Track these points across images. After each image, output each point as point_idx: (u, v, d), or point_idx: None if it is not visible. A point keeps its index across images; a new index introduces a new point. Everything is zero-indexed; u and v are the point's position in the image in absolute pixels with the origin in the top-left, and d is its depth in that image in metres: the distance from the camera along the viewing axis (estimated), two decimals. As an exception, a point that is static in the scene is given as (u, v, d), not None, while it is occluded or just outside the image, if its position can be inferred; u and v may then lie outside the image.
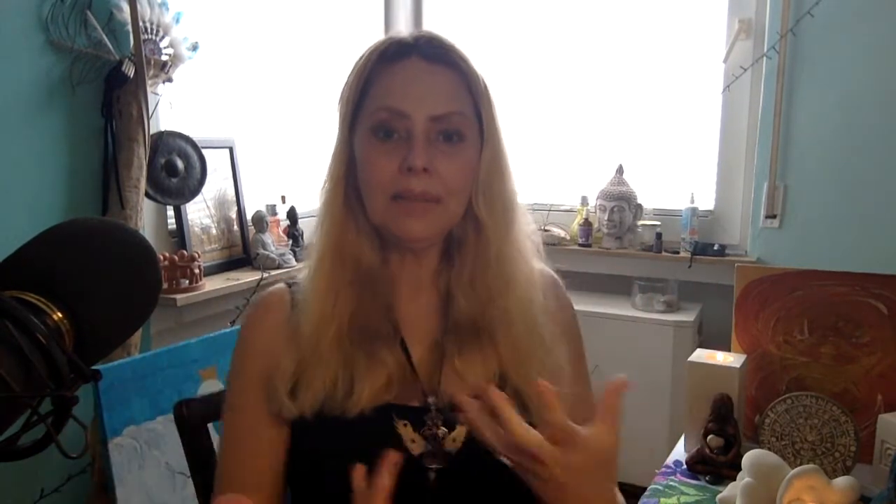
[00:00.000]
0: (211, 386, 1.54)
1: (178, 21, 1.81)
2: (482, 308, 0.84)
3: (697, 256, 2.32)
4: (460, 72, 0.83)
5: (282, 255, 2.15)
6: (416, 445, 0.81)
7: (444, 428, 0.82)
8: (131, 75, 1.67)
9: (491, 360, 0.84)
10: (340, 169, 0.85)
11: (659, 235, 2.38)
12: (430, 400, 0.83)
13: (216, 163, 2.08)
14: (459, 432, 0.82)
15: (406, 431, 0.81)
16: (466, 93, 0.83)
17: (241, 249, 2.17)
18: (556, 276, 0.96)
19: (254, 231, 2.15)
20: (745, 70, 2.24)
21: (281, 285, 0.91)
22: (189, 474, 1.01)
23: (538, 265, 0.91)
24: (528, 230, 0.90)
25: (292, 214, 2.27)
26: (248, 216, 2.18)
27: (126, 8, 1.67)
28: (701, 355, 1.32)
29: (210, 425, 1.02)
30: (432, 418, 0.82)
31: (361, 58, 0.84)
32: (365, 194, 0.83)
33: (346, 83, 0.85)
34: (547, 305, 0.88)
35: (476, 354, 0.84)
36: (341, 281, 0.83)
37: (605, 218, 2.45)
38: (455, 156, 0.81)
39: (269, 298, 0.91)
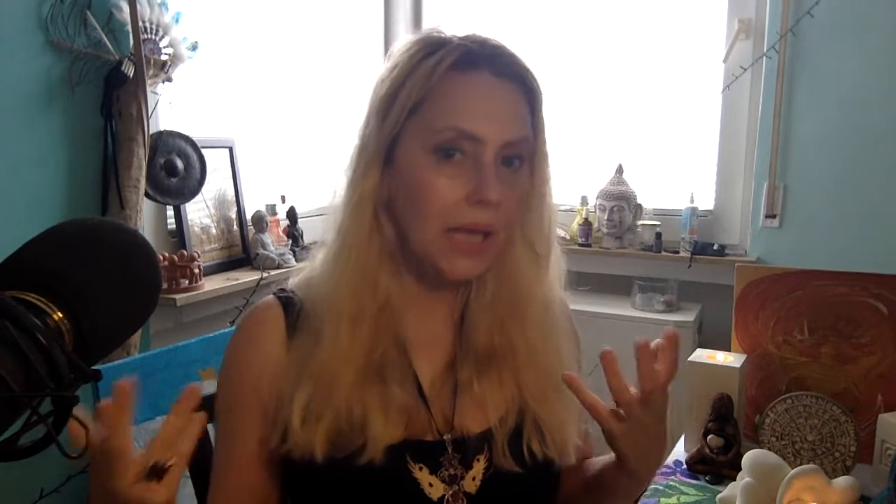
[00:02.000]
0: (211, 386, 1.52)
1: (177, 21, 1.81)
2: (502, 333, 0.80)
3: (697, 256, 2.32)
4: (528, 89, 0.76)
5: (281, 254, 2.15)
6: (435, 489, 0.76)
7: (461, 467, 0.78)
8: (131, 75, 1.67)
9: (509, 386, 0.80)
10: (370, 183, 0.75)
11: (659, 235, 2.38)
12: (446, 438, 0.78)
13: (216, 163, 2.08)
14: (477, 470, 0.78)
15: (423, 476, 0.76)
16: (529, 112, 0.77)
17: (241, 249, 2.17)
18: (568, 305, 0.91)
19: (253, 231, 2.15)
20: (745, 70, 2.24)
21: (270, 301, 0.82)
22: (189, 474, 1.01)
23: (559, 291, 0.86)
24: (558, 254, 0.84)
25: (292, 214, 2.27)
26: (248, 216, 2.17)
27: (126, 8, 1.67)
28: (701, 355, 1.32)
29: (210, 425, 1.02)
30: (448, 459, 0.77)
31: (422, 59, 0.73)
32: (410, 220, 0.74)
33: (395, 84, 0.74)
34: (567, 329, 0.85)
35: (494, 382, 0.80)
36: (364, 312, 0.76)
37: (605, 218, 2.45)
38: (515, 183, 0.75)
39: (259, 322, 0.81)
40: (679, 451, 1.31)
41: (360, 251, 0.76)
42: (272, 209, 2.24)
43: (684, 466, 1.26)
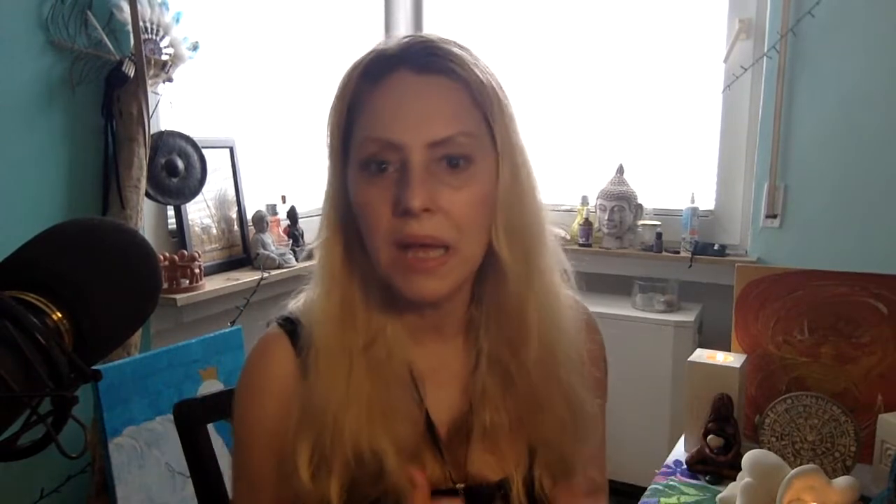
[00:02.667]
0: (211, 386, 1.54)
1: (178, 21, 1.81)
2: (508, 364, 0.74)
3: (697, 256, 2.32)
4: (461, 80, 0.68)
5: (282, 254, 2.15)
6: None
7: None
8: (131, 75, 1.67)
9: (523, 428, 0.75)
10: (337, 214, 0.72)
11: (659, 235, 2.38)
12: (459, 487, 0.74)
13: (216, 162, 2.08)
14: None
15: None
16: (471, 104, 0.69)
17: (242, 249, 2.17)
18: (587, 308, 0.84)
19: (254, 231, 2.15)
20: (746, 70, 2.24)
21: (275, 333, 0.77)
22: (189, 474, 1.01)
23: (570, 299, 0.79)
24: (557, 261, 0.77)
25: (292, 214, 2.28)
26: (249, 216, 2.18)
27: (126, 8, 1.67)
28: (701, 355, 1.32)
29: (210, 426, 1.02)
30: None
31: (343, 77, 0.71)
32: (367, 243, 0.69)
33: (331, 109, 0.72)
34: (582, 351, 0.78)
35: (509, 425, 0.75)
36: (356, 349, 0.71)
37: (606, 218, 2.45)
38: (463, 186, 0.67)
39: (269, 357, 0.77)
40: (679, 452, 1.31)
41: (340, 292, 0.72)
42: (273, 209, 2.24)
43: (684, 466, 1.26)
